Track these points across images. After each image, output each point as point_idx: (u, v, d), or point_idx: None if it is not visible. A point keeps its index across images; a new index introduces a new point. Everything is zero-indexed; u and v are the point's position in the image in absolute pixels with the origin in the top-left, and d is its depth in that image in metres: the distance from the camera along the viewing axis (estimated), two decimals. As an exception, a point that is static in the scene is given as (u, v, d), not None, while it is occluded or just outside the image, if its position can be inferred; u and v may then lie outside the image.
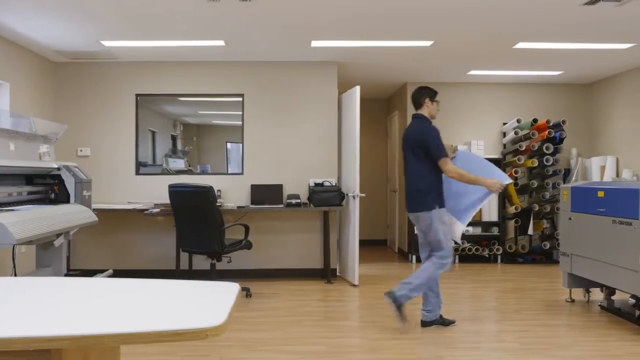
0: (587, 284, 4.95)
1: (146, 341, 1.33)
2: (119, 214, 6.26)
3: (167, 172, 6.57)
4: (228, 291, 1.73)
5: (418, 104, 4.42)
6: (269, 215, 6.45)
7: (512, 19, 4.79)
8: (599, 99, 7.55)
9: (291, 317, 4.77)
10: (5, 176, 4.07)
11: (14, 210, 3.75)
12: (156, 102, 6.63)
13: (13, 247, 4.37)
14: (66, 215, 4.15)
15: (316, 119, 6.52)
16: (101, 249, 6.38)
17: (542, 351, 3.80)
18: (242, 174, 6.49)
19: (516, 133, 7.30)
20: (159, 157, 6.71)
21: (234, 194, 6.43)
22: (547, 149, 7.16)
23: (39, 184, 4.52)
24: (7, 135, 3.96)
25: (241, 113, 6.51)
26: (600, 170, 7.04)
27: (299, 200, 6.19)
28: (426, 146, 4.23)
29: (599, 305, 4.94)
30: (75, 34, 5.22)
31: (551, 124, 7.17)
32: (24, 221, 3.51)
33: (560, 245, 5.22)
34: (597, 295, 5.08)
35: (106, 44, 5.57)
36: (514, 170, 7.26)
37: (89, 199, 4.75)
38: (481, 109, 7.75)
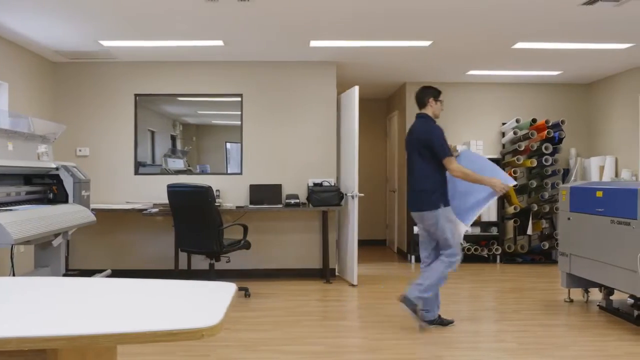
0: (585, 284, 4.95)
1: (142, 341, 1.33)
2: (117, 214, 6.26)
3: (166, 172, 6.57)
4: (224, 291, 1.73)
5: (422, 103, 4.43)
6: (267, 215, 6.45)
7: (510, 19, 4.80)
8: (598, 99, 7.55)
9: (290, 317, 4.77)
10: (4, 176, 4.07)
11: (12, 210, 3.75)
12: (155, 102, 6.62)
13: (11, 247, 4.37)
14: (64, 215, 4.15)
15: (315, 119, 6.52)
16: (100, 249, 6.38)
17: (540, 351, 3.80)
18: (241, 174, 6.49)
19: (515, 133, 7.30)
20: (158, 157, 6.70)
21: (232, 194, 6.43)
22: (546, 149, 7.17)
23: (37, 184, 4.52)
24: (5, 135, 3.96)
25: (240, 113, 6.51)
26: (599, 170, 7.04)
27: (298, 200, 6.19)
28: (431, 145, 4.23)
29: (598, 305, 4.94)
30: (74, 34, 5.22)
31: (550, 124, 7.17)
32: (22, 221, 3.51)
33: (559, 245, 5.22)
34: (596, 295, 5.08)
35: (105, 44, 5.57)
36: (512, 170, 7.25)
37: (88, 199, 4.75)
38: (480, 109, 7.75)
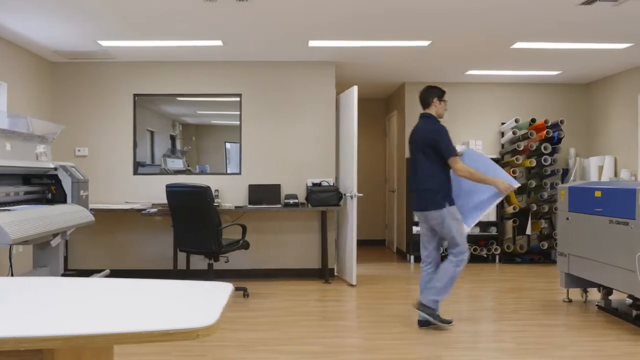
0: (584, 284, 4.95)
1: (137, 341, 1.33)
2: (116, 214, 6.25)
3: (165, 172, 6.56)
4: (221, 291, 1.73)
5: (426, 103, 4.42)
6: (266, 215, 6.45)
7: (509, 19, 4.80)
8: (597, 98, 7.55)
9: (289, 317, 4.76)
10: (2, 176, 4.07)
11: (10, 210, 3.74)
12: (155, 102, 6.62)
13: (10, 247, 4.37)
14: (63, 215, 4.14)
15: (314, 119, 6.52)
16: (99, 249, 6.38)
17: (539, 351, 3.80)
18: (239, 174, 6.49)
19: (514, 133, 7.30)
20: (158, 157, 6.70)
21: (231, 194, 6.43)
22: (545, 148, 7.17)
23: (35, 184, 4.52)
24: (4, 136, 3.96)
25: (239, 113, 6.51)
26: (598, 170, 7.04)
27: (297, 200, 6.19)
28: (436, 145, 4.24)
29: (597, 305, 4.94)
30: (73, 34, 5.22)
31: (549, 123, 7.17)
32: (20, 221, 3.51)
33: (557, 245, 5.22)
34: (595, 295, 5.08)
35: (104, 44, 5.57)
36: (512, 170, 7.25)
37: (86, 199, 4.75)
38: (479, 109, 7.75)
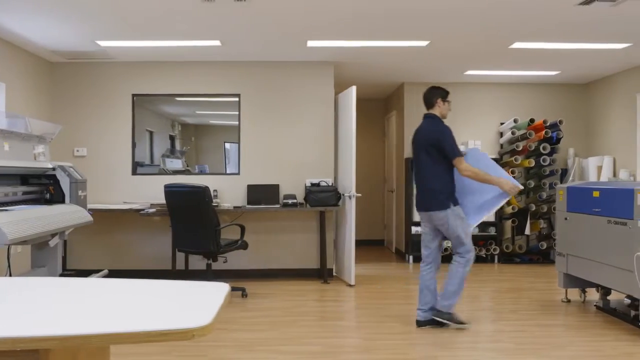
0: (582, 284, 4.96)
1: (133, 341, 1.33)
2: (115, 214, 6.25)
3: (164, 172, 6.56)
4: (217, 291, 1.73)
5: (430, 103, 4.42)
6: (265, 215, 6.45)
7: (507, 19, 4.80)
8: (595, 99, 7.56)
9: (287, 317, 4.76)
10: (0, 176, 4.06)
11: (7, 210, 3.74)
12: (154, 102, 6.62)
13: (8, 247, 4.37)
14: (61, 215, 4.14)
15: (313, 119, 6.52)
16: (97, 249, 6.37)
17: (537, 351, 3.81)
18: (238, 174, 6.49)
19: (513, 133, 7.30)
20: (157, 157, 6.70)
21: (230, 194, 6.42)
22: (544, 149, 7.17)
23: (34, 184, 4.52)
24: (2, 136, 3.95)
25: (237, 113, 6.51)
26: (597, 170, 7.05)
27: (296, 201, 6.19)
28: (440, 146, 4.24)
29: (595, 306, 4.94)
30: (71, 34, 5.22)
31: (548, 124, 7.18)
32: (17, 221, 3.51)
33: (556, 245, 5.22)
34: (593, 295, 5.08)
35: (102, 44, 5.57)
36: (511, 170, 7.26)
37: (85, 199, 4.74)
38: (478, 109, 7.76)
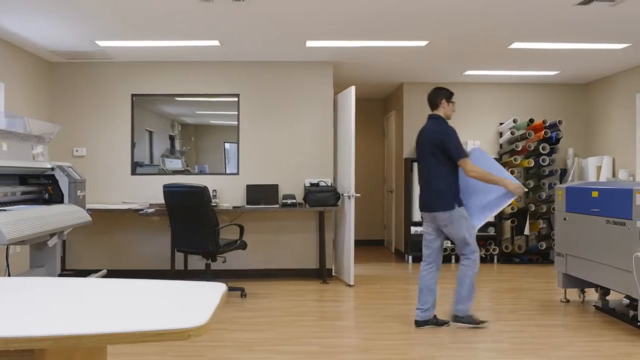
0: (581, 284, 4.95)
1: (128, 341, 1.33)
2: (114, 214, 6.25)
3: (163, 172, 6.56)
4: (214, 291, 1.73)
5: (434, 104, 4.42)
6: (264, 215, 6.45)
7: (506, 19, 4.79)
8: (595, 99, 7.55)
9: (286, 317, 4.76)
10: (-1, 176, 4.07)
11: (6, 210, 3.74)
12: (153, 102, 6.62)
13: (7, 247, 4.37)
14: (60, 216, 4.14)
15: (312, 119, 6.52)
16: (96, 249, 6.37)
17: (536, 351, 3.80)
18: (237, 174, 6.49)
19: (512, 133, 7.30)
20: (157, 157, 6.69)
21: (229, 194, 6.42)
22: (544, 149, 7.17)
23: (32, 184, 4.51)
24: (0, 136, 3.95)
25: (237, 113, 6.51)
26: (596, 170, 7.04)
27: (295, 201, 6.19)
28: (445, 147, 4.23)
29: (594, 306, 4.94)
30: (71, 34, 5.22)
31: (547, 124, 7.17)
32: (16, 221, 3.50)
33: (555, 245, 5.22)
34: (592, 295, 5.08)
35: (101, 44, 5.57)
36: (510, 170, 7.25)
37: (83, 199, 4.74)
38: (478, 109, 7.75)
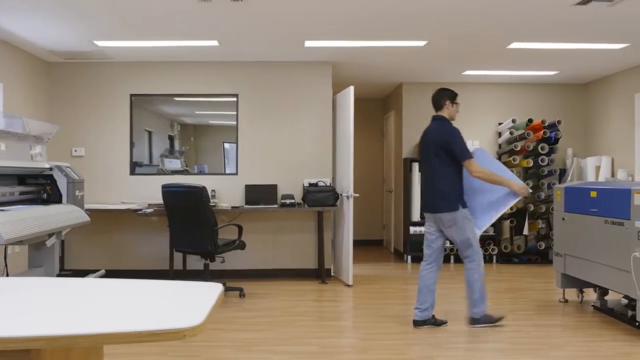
0: (580, 285, 4.95)
1: (123, 341, 1.33)
2: (112, 214, 6.25)
3: (162, 173, 6.56)
4: (211, 291, 1.73)
5: (438, 105, 4.43)
6: (263, 215, 6.45)
7: (505, 19, 4.79)
8: (594, 99, 7.56)
9: (285, 317, 4.76)
10: (-3, 176, 4.06)
11: (4, 210, 3.74)
12: (152, 102, 6.61)
13: (5, 247, 4.37)
14: (58, 216, 4.14)
15: (311, 119, 6.52)
16: (95, 249, 6.37)
17: (534, 351, 3.80)
18: (236, 174, 6.49)
19: (511, 133, 7.30)
20: (156, 157, 6.69)
21: (228, 194, 6.42)
22: (543, 149, 7.17)
23: (31, 184, 4.51)
24: (-2, 136, 3.96)
25: (236, 113, 6.50)
26: (595, 170, 7.05)
27: (293, 201, 6.19)
28: (450, 148, 4.23)
29: (592, 306, 4.94)
30: (69, 34, 5.22)
31: (546, 124, 7.18)
32: (14, 221, 3.50)
33: (554, 245, 5.22)
34: (591, 295, 5.08)
35: (100, 44, 5.56)
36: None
37: (82, 199, 4.74)
38: (477, 109, 7.75)
